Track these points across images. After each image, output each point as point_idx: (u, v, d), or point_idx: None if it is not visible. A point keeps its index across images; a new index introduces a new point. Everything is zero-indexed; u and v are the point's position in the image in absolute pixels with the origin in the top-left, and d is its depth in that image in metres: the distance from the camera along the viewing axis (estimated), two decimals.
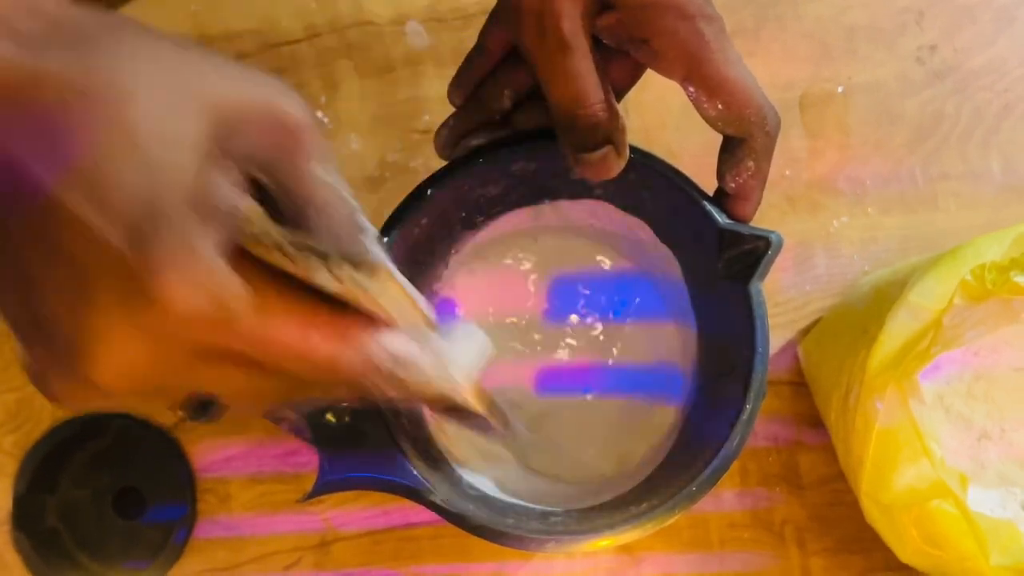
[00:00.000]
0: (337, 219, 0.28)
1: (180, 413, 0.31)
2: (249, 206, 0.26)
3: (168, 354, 0.25)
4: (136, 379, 0.26)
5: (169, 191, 0.24)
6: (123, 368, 0.25)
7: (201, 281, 0.24)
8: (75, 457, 0.53)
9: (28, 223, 0.24)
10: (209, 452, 0.53)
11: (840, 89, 0.57)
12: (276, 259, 0.26)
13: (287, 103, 0.27)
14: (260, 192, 0.28)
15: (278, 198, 0.28)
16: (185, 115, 0.25)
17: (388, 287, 0.27)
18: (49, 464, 0.53)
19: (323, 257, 0.26)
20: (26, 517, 0.52)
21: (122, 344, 0.25)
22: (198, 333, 0.25)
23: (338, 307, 0.27)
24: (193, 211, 0.24)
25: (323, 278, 0.26)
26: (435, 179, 0.45)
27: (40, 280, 0.25)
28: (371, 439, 0.42)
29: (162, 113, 0.24)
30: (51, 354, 0.26)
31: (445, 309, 0.50)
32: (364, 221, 0.29)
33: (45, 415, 0.53)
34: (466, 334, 0.33)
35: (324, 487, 0.42)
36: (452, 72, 0.46)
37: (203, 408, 0.30)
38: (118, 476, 0.53)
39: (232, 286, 0.25)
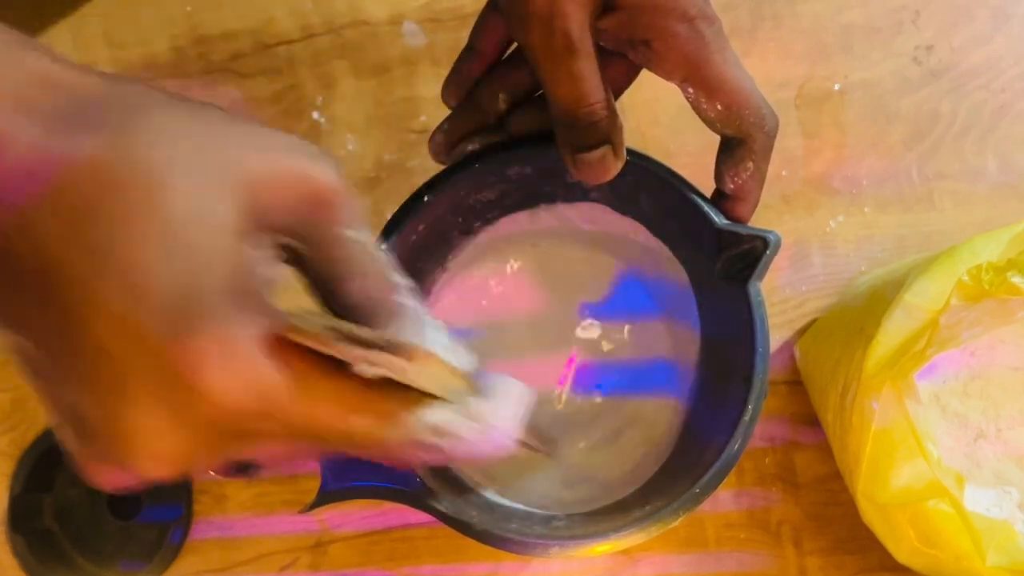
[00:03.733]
0: (370, 280, 0.29)
1: (215, 474, 0.31)
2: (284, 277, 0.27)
3: (208, 440, 0.25)
4: (175, 464, 0.26)
5: (206, 279, 0.24)
6: (162, 457, 0.25)
7: (242, 373, 0.24)
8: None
9: (62, 315, 0.23)
10: None
11: (836, 87, 0.57)
12: (313, 344, 0.26)
13: (318, 168, 0.27)
14: (292, 254, 0.28)
15: (311, 262, 0.28)
16: (218, 195, 0.24)
17: (426, 364, 0.28)
18: (45, 464, 0.53)
19: (360, 344, 0.26)
20: (22, 517, 0.52)
21: (161, 436, 0.24)
22: (239, 421, 0.25)
23: (377, 385, 0.27)
24: (231, 299, 0.24)
25: (360, 364, 0.27)
26: (431, 185, 0.45)
27: (75, 371, 0.24)
28: None
29: (196, 196, 0.24)
30: (88, 443, 0.25)
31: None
32: (397, 277, 0.30)
33: (41, 415, 0.53)
34: (505, 389, 0.33)
35: (327, 497, 0.41)
36: (448, 72, 0.46)
37: (242, 469, 0.31)
38: None
39: (272, 377, 0.25)
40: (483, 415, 0.31)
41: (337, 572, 0.52)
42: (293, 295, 0.28)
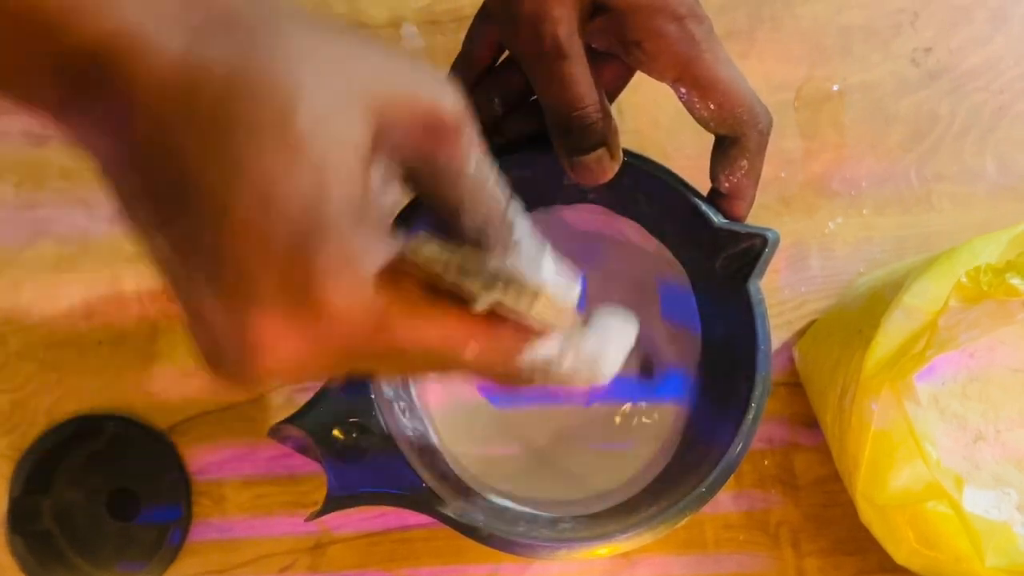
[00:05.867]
0: (487, 219, 0.29)
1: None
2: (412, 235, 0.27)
3: (324, 353, 0.26)
4: (292, 373, 0.26)
5: (333, 197, 0.24)
6: (280, 365, 0.26)
7: (360, 292, 0.25)
8: (70, 459, 0.52)
9: (196, 220, 0.24)
10: (204, 454, 0.53)
11: (835, 89, 0.57)
12: (432, 273, 0.27)
13: (446, 97, 0.27)
14: (414, 180, 0.29)
15: (429, 190, 0.29)
16: (348, 114, 0.25)
17: (539, 299, 0.28)
18: (44, 466, 0.52)
19: (475, 277, 0.27)
20: (21, 519, 0.52)
21: (280, 344, 0.25)
22: (354, 338, 0.26)
23: (489, 316, 0.28)
24: (357, 218, 0.25)
25: (475, 295, 0.27)
26: None
27: (206, 276, 0.25)
28: (378, 454, 0.42)
29: (326, 113, 0.24)
30: (213, 345, 0.26)
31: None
32: (516, 218, 0.30)
33: (40, 417, 0.53)
34: (610, 325, 0.33)
35: (334, 503, 0.41)
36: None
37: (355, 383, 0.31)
38: (113, 478, 0.53)
39: (388, 299, 0.26)
40: (588, 350, 0.31)
41: (336, 573, 0.52)
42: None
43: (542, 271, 0.28)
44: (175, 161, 0.24)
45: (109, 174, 0.25)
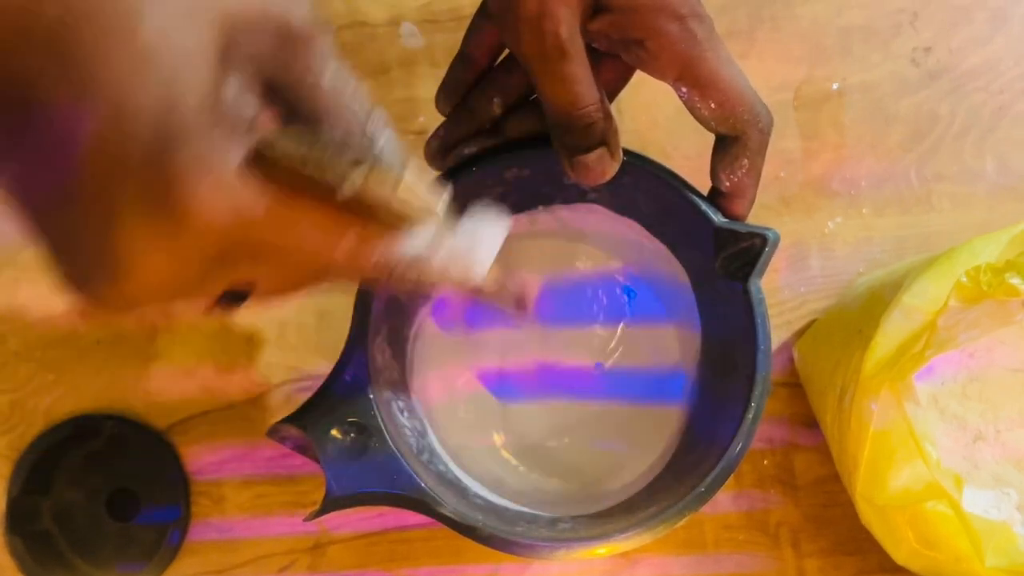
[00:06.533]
0: (347, 124, 0.29)
1: (211, 307, 0.31)
2: (262, 115, 0.27)
3: (194, 261, 0.26)
4: (164, 288, 0.26)
5: (186, 104, 0.24)
6: (151, 279, 0.26)
7: (222, 192, 0.25)
8: (68, 459, 0.52)
9: (47, 144, 0.24)
10: (203, 454, 0.53)
11: (835, 88, 0.57)
12: (293, 163, 0.26)
13: (296, 8, 0.27)
14: (272, 95, 0.28)
15: (290, 102, 0.29)
16: (194, 26, 0.25)
17: (402, 183, 0.28)
18: (43, 466, 0.52)
19: (335, 168, 0.27)
20: (20, 519, 0.52)
21: (148, 257, 0.25)
22: (221, 240, 0.26)
23: (354, 211, 0.28)
24: (211, 122, 0.25)
25: (337, 181, 0.27)
26: None
27: (63, 198, 0.25)
28: (377, 453, 0.42)
29: (171, 25, 0.24)
30: (78, 268, 0.26)
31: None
32: (377, 125, 0.30)
33: (38, 417, 0.53)
34: (480, 224, 0.33)
35: (333, 504, 0.41)
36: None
37: (229, 300, 0.31)
38: (112, 478, 0.53)
39: (253, 196, 0.26)
40: (458, 246, 0.31)
41: (335, 574, 0.52)
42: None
43: (406, 167, 0.28)
44: (18, 83, 0.24)
45: None
